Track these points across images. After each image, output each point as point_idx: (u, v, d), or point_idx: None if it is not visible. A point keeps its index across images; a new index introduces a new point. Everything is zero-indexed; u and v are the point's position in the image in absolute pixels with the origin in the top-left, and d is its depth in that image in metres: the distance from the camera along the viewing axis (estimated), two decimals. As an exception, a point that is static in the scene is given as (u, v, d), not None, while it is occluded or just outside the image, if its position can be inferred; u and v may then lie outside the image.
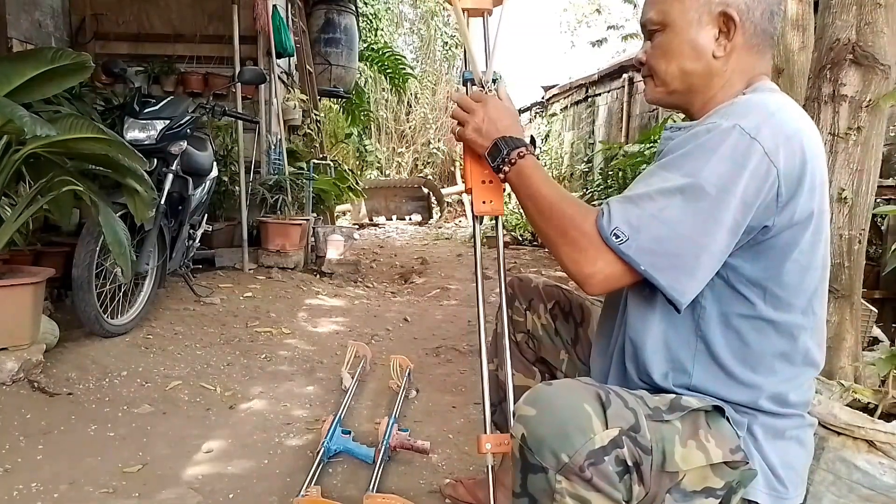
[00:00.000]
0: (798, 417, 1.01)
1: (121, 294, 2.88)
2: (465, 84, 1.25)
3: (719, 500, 0.93)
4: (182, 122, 3.13)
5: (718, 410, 0.96)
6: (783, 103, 0.98)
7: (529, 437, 0.89)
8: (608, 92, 8.72)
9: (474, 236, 1.33)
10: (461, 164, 1.12)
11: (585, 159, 8.93)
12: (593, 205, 1.11)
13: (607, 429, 0.87)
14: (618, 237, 0.90)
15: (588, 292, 0.96)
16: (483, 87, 1.20)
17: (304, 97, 5.63)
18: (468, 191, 1.19)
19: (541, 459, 0.88)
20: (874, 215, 1.89)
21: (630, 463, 0.87)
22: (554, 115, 10.71)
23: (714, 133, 0.91)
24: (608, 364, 1.10)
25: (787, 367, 0.99)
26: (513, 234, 7.87)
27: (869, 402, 1.46)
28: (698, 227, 0.89)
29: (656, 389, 1.01)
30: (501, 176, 1.11)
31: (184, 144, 3.15)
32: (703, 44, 1.02)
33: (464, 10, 1.29)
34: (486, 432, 1.21)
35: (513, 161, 1.08)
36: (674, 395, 0.96)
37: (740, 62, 1.03)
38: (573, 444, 0.86)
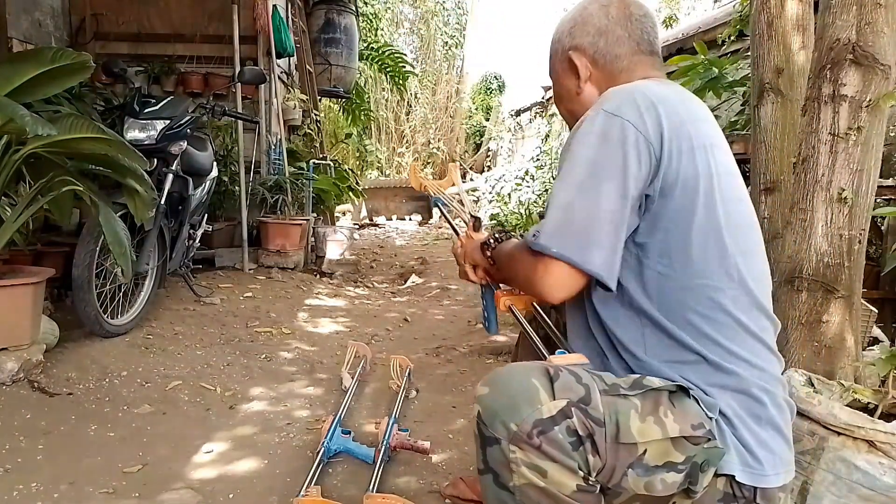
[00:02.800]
0: (765, 392, 1.01)
1: (121, 294, 2.88)
2: (436, 205, 1.69)
3: (682, 474, 0.94)
4: (182, 122, 3.13)
5: (683, 391, 0.98)
6: (645, 83, 1.08)
7: (484, 413, 0.96)
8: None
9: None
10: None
11: (585, 159, 8.91)
12: None
13: (554, 399, 0.91)
14: (535, 236, 1.02)
15: (548, 298, 1.03)
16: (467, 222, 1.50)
17: (304, 97, 5.63)
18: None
19: (494, 431, 0.93)
20: (874, 215, 1.89)
21: (582, 433, 0.90)
22: (554, 115, 10.71)
23: (584, 123, 1.04)
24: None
25: (714, 329, 1.01)
26: (511, 234, 7.86)
27: (869, 402, 1.46)
28: (588, 200, 0.99)
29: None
30: (490, 257, 1.31)
31: (184, 144, 3.15)
32: (569, 86, 1.22)
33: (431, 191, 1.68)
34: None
35: (493, 247, 1.31)
36: (638, 376, 1.00)
37: (612, 86, 1.14)
38: (520, 414, 0.91)
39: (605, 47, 1.17)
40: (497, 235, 1.29)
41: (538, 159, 10.20)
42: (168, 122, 3.06)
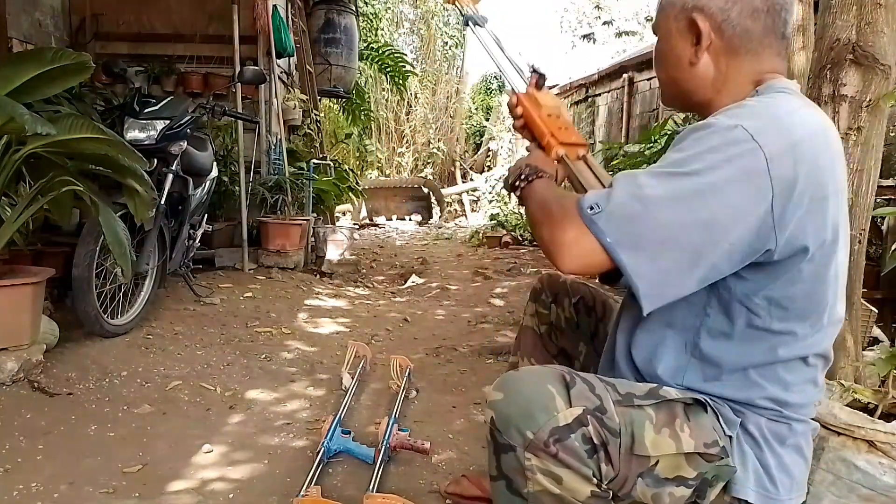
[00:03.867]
0: (799, 423, 1.00)
1: (121, 294, 2.88)
2: (467, 24, 1.37)
3: (692, 490, 0.94)
4: (182, 122, 3.13)
5: (700, 405, 0.96)
6: (796, 107, 0.94)
7: (497, 419, 0.93)
8: (608, 92, 8.72)
9: None
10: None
11: (585, 159, 8.92)
12: None
13: (571, 407, 0.90)
14: (592, 209, 0.89)
15: (560, 266, 0.92)
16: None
17: (304, 97, 5.63)
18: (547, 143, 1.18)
19: (509, 439, 0.91)
20: (874, 215, 1.89)
21: (597, 442, 0.90)
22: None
23: (713, 129, 0.90)
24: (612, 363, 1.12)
25: (786, 373, 0.98)
26: (513, 234, 7.87)
27: (869, 402, 1.46)
28: (672, 215, 0.86)
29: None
30: (518, 193, 1.12)
31: (184, 144, 3.15)
32: (681, 51, 1.03)
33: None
34: None
35: (531, 181, 1.10)
36: (654, 385, 0.98)
37: (731, 66, 1.01)
38: (537, 422, 0.89)
39: (737, 17, 0.98)
40: (527, 173, 1.09)
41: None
42: (168, 122, 3.06)
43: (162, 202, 3.01)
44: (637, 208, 0.87)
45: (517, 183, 1.11)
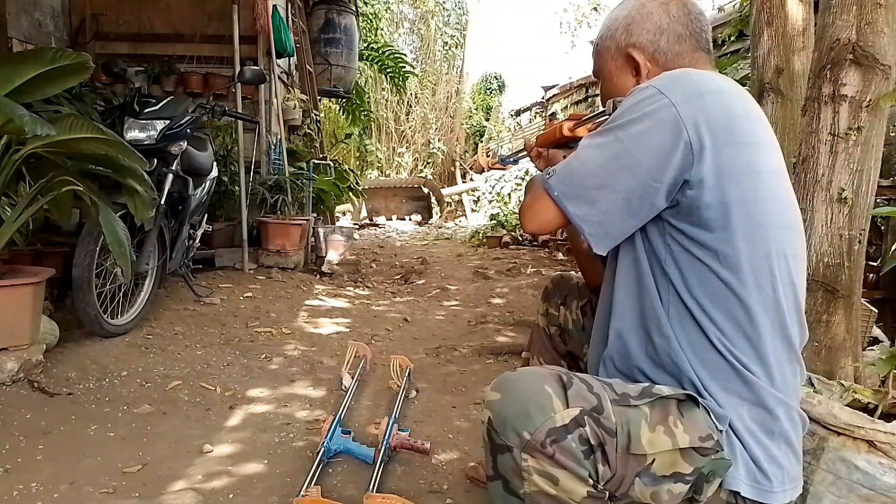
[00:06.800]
0: (780, 405, 1.00)
1: (121, 294, 2.88)
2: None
3: (689, 486, 0.94)
4: (182, 122, 3.13)
5: (692, 400, 0.97)
6: (705, 73, 1.07)
7: (494, 419, 0.94)
8: (608, 92, 8.71)
9: None
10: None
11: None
12: None
13: (568, 408, 0.90)
14: (549, 175, 1.06)
15: (524, 226, 1.10)
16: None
17: (304, 97, 5.63)
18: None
19: (505, 439, 0.92)
20: (874, 215, 1.89)
21: (594, 443, 0.90)
22: (554, 114, 10.72)
23: (632, 93, 1.04)
24: (604, 345, 1.13)
25: (746, 342, 0.98)
26: (513, 234, 7.87)
27: (869, 402, 1.46)
28: (602, 163, 1.01)
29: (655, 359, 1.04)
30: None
31: (184, 144, 3.15)
32: (623, 85, 1.17)
33: None
34: None
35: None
36: (647, 384, 0.99)
37: None
38: (533, 422, 0.90)
39: (665, 45, 1.14)
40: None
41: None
42: (168, 122, 3.06)
43: (162, 202, 3.01)
44: (576, 164, 1.04)
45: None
